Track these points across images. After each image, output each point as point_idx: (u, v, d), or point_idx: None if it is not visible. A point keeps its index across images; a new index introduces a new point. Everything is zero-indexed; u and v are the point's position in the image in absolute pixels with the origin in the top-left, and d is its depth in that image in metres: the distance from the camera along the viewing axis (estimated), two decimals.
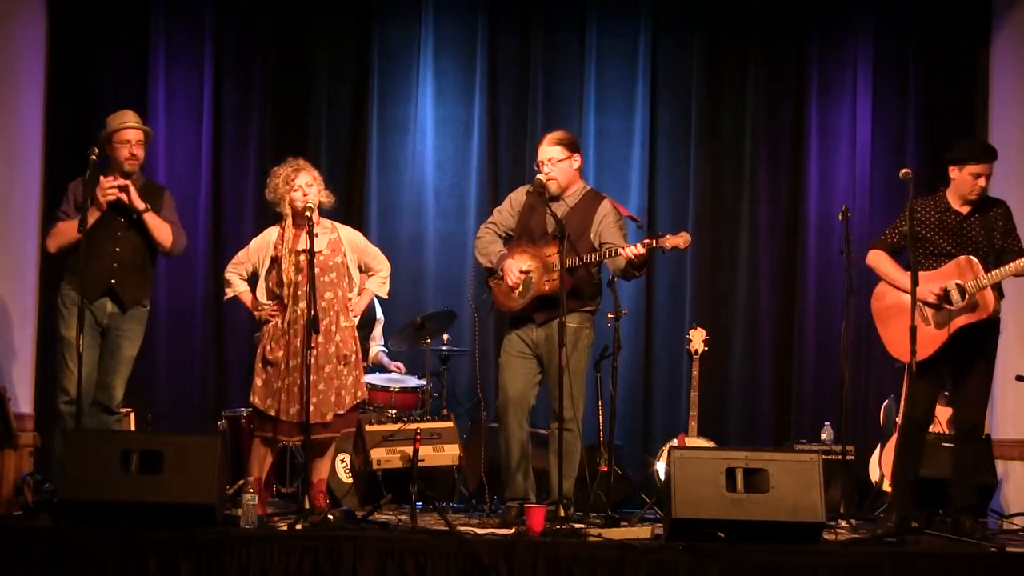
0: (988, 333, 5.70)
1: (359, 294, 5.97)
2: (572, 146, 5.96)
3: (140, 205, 5.87)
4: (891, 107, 7.96)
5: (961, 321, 5.59)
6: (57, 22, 7.57)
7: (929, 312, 5.64)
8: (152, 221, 5.93)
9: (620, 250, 5.60)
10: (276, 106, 7.96)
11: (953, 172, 5.77)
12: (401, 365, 7.35)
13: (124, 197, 5.85)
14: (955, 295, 5.61)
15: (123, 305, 5.92)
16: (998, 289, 5.66)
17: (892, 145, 7.91)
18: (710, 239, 7.98)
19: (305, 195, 5.74)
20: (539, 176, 5.87)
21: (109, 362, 5.91)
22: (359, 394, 5.88)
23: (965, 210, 5.74)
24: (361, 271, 5.98)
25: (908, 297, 5.59)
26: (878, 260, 5.88)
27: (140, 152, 5.96)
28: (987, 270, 5.58)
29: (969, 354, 5.68)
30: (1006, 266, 5.56)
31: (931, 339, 5.60)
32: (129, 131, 5.93)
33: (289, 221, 5.80)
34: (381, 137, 8.03)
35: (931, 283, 5.62)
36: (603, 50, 8.08)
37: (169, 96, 7.88)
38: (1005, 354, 7.16)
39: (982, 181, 5.71)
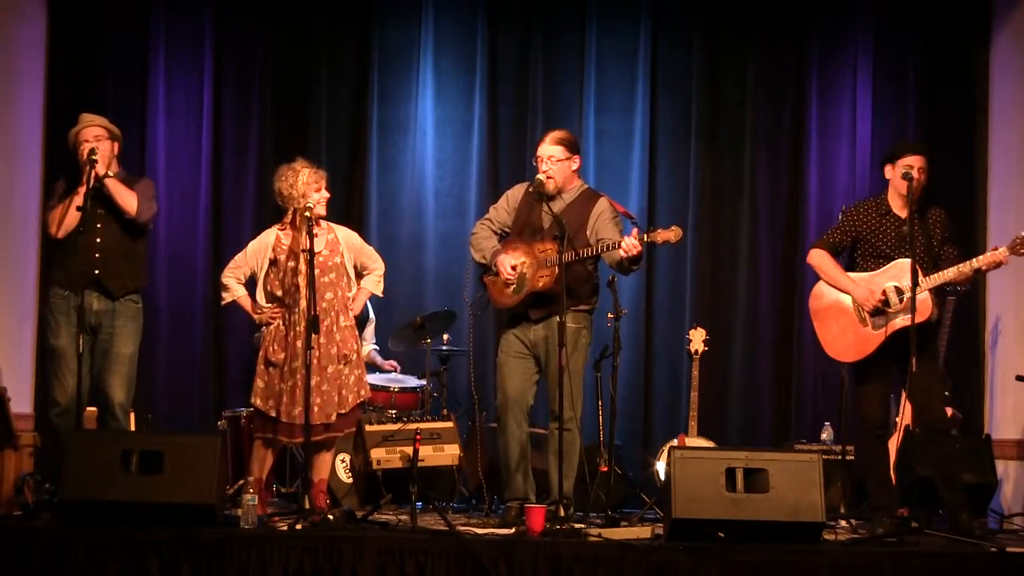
0: (927, 335, 5.74)
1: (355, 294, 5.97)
2: (573, 147, 5.97)
3: (102, 170, 5.72)
4: (891, 107, 7.96)
5: (898, 324, 5.64)
6: (57, 22, 7.57)
7: (867, 313, 5.68)
8: (114, 186, 5.79)
9: (617, 243, 5.62)
10: (276, 106, 7.96)
11: (888, 172, 5.84)
12: (395, 363, 7.35)
13: (98, 157, 5.71)
14: (893, 297, 5.68)
15: (111, 295, 5.82)
16: (938, 293, 5.69)
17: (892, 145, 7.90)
18: (710, 239, 7.97)
19: (322, 198, 5.79)
20: (539, 176, 5.88)
21: (103, 363, 5.82)
22: (362, 392, 5.88)
23: (904, 214, 5.76)
24: (357, 270, 5.99)
25: (846, 297, 5.76)
26: (820, 260, 5.93)
27: (104, 146, 5.82)
28: (925, 274, 5.61)
29: (910, 355, 5.69)
30: (943, 271, 5.62)
31: (868, 340, 5.69)
32: (87, 130, 5.84)
33: (296, 221, 5.79)
34: (381, 137, 8.03)
35: (869, 285, 5.71)
36: (603, 50, 8.08)
37: (169, 96, 7.88)
38: (1005, 354, 7.20)
39: (915, 174, 5.71)
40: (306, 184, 5.77)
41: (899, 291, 5.63)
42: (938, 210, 5.86)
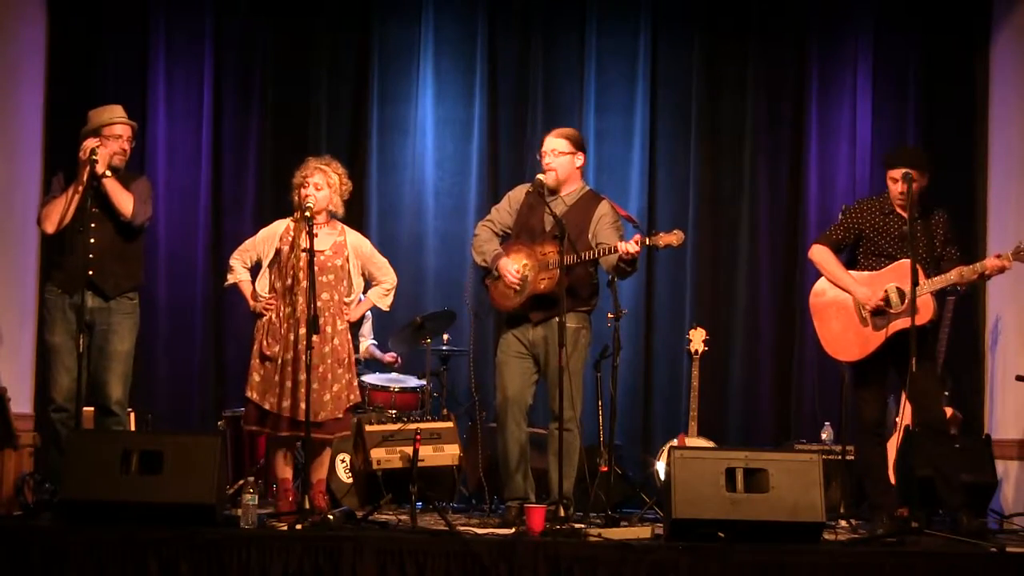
0: (926, 337, 5.73)
1: (358, 301, 5.96)
2: (578, 143, 5.97)
3: (100, 169, 5.65)
4: (891, 107, 7.96)
5: (899, 325, 5.61)
6: (57, 22, 7.57)
7: (868, 313, 5.67)
8: (112, 186, 5.71)
9: (615, 247, 5.62)
10: (276, 106, 7.97)
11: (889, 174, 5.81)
12: (395, 354, 7.35)
13: (98, 157, 5.64)
14: (894, 298, 5.65)
15: (105, 294, 5.76)
16: (937, 295, 5.67)
17: (892, 145, 7.89)
18: (710, 239, 7.98)
19: (307, 195, 5.74)
20: (539, 176, 5.88)
21: (99, 360, 5.75)
22: (352, 397, 5.87)
23: (905, 215, 5.75)
24: (365, 279, 5.97)
25: (847, 296, 5.74)
26: (822, 256, 5.89)
27: (129, 148, 5.84)
28: (927, 276, 5.60)
29: (909, 357, 5.67)
30: (945, 274, 5.61)
31: (869, 340, 5.67)
32: (118, 126, 5.81)
33: (300, 214, 5.79)
34: (381, 137, 8.04)
35: (871, 285, 5.70)
36: (603, 50, 8.08)
37: (169, 96, 7.89)
38: (1005, 354, 7.20)
39: (900, 186, 5.67)
40: (302, 177, 5.79)
41: (900, 292, 5.62)
42: (940, 212, 5.84)
